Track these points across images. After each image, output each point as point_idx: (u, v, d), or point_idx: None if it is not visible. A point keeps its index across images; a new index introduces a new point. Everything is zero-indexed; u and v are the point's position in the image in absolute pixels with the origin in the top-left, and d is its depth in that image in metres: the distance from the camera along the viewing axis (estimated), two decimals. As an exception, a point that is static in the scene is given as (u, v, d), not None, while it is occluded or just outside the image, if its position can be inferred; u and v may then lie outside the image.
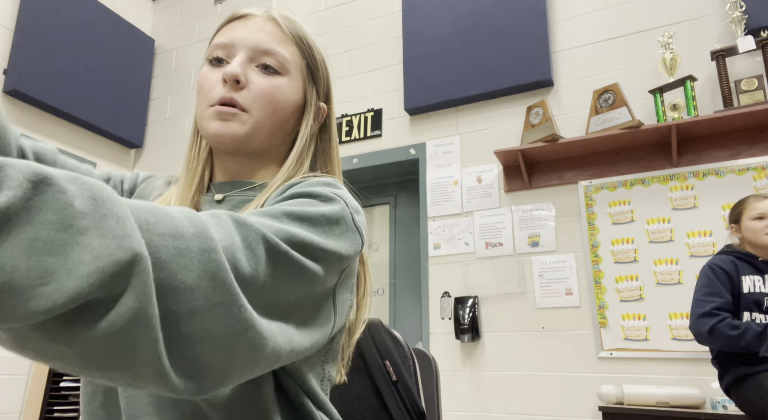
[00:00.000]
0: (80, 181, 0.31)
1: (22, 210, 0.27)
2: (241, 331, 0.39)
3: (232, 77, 0.62)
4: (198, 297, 0.36)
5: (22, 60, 2.89)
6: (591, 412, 2.28)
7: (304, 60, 0.69)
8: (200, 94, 0.65)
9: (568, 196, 2.58)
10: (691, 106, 2.32)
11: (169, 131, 3.54)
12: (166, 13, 3.85)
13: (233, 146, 0.64)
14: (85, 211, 0.30)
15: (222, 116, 0.63)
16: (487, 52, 2.82)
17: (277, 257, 0.45)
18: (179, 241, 0.36)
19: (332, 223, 0.53)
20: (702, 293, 1.89)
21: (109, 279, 0.30)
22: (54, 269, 0.27)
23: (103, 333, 0.30)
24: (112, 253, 0.30)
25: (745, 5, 2.36)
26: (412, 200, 3.11)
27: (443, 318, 2.65)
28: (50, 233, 0.28)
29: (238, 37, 0.65)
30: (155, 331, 0.33)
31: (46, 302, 0.27)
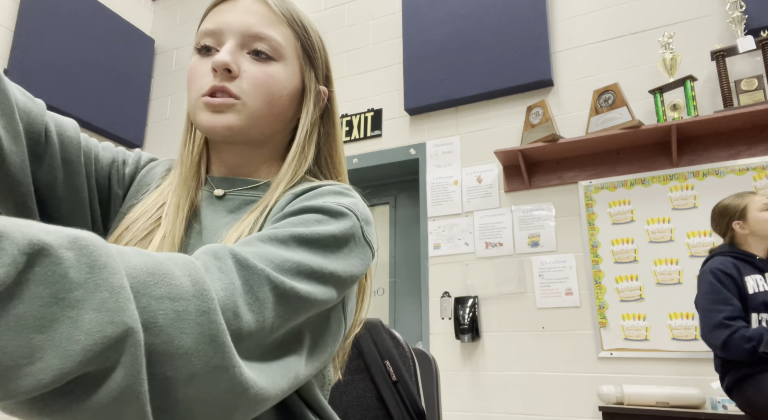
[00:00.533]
0: (80, 246, 0.30)
1: (14, 285, 0.26)
2: (242, 391, 0.38)
3: (222, 66, 0.58)
4: (196, 362, 0.35)
5: (22, 60, 2.89)
6: (591, 412, 2.28)
7: (298, 41, 0.64)
8: (190, 85, 0.61)
9: (568, 196, 2.58)
10: (691, 106, 2.32)
11: (169, 131, 3.54)
12: (166, 13, 3.85)
13: (228, 137, 0.61)
14: (80, 281, 0.29)
15: (214, 108, 0.59)
16: (487, 52, 2.82)
17: (284, 296, 0.44)
18: (177, 303, 0.35)
19: (341, 243, 0.52)
20: (709, 301, 1.83)
21: (98, 355, 0.29)
22: (41, 347, 0.27)
23: (89, 410, 0.29)
24: (103, 328, 0.29)
25: (745, 5, 2.36)
26: (412, 200, 3.11)
27: (443, 318, 2.65)
28: (41, 309, 0.27)
29: (226, 23, 0.61)
30: (144, 406, 0.32)
31: (30, 382, 0.26)
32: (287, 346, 0.46)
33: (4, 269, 0.26)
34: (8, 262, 0.26)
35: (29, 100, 0.55)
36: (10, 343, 0.26)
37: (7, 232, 0.26)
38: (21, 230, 0.27)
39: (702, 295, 1.87)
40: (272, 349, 0.44)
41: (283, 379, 0.44)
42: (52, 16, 3.05)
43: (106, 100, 3.32)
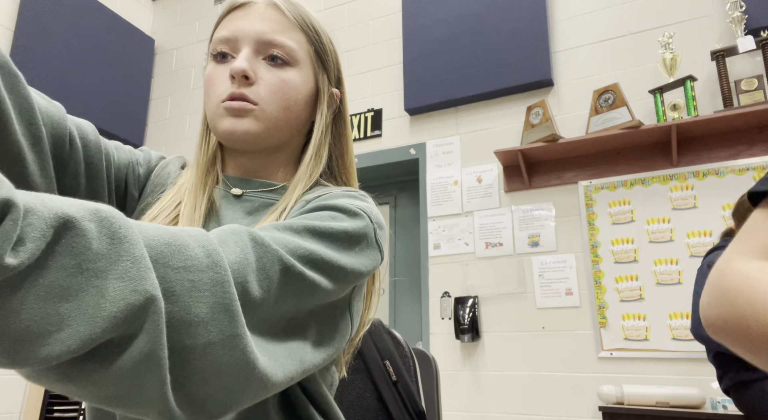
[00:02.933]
0: (100, 217, 0.31)
1: (42, 258, 0.27)
2: (253, 364, 0.39)
3: (240, 73, 0.59)
4: (212, 330, 0.36)
5: (22, 60, 2.89)
6: (591, 412, 2.28)
7: (311, 45, 0.66)
8: (208, 92, 0.63)
9: (568, 196, 2.58)
10: (691, 106, 2.32)
11: (169, 131, 3.54)
12: (166, 13, 3.85)
13: (247, 144, 0.62)
14: (102, 252, 0.30)
15: (234, 113, 0.60)
16: (487, 52, 2.82)
17: (292, 278, 0.45)
18: (193, 273, 0.36)
19: (353, 241, 0.53)
20: (698, 293, 1.87)
21: (122, 322, 0.30)
22: (68, 315, 0.28)
23: (113, 374, 0.31)
24: (126, 296, 0.30)
25: (745, 5, 2.36)
26: (412, 200, 3.11)
27: (443, 318, 2.65)
28: (67, 279, 0.28)
29: (241, 29, 0.62)
30: (164, 371, 0.33)
31: (59, 348, 0.28)
32: (292, 332, 0.46)
33: (35, 244, 0.27)
34: (38, 236, 0.27)
35: (49, 103, 0.55)
36: (40, 311, 0.27)
37: (33, 208, 0.27)
38: (45, 205, 0.28)
39: (697, 288, 1.89)
40: (277, 332, 0.44)
41: (288, 361, 0.44)
42: (52, 16, 3.05)
43: (106, 100, 3.32)
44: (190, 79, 3.57)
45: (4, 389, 2.72)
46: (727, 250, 0.48)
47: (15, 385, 2.76)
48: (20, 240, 0.26)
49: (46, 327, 0.27)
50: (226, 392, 0.38)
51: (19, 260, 0.26)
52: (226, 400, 0.39)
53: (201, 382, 0.37)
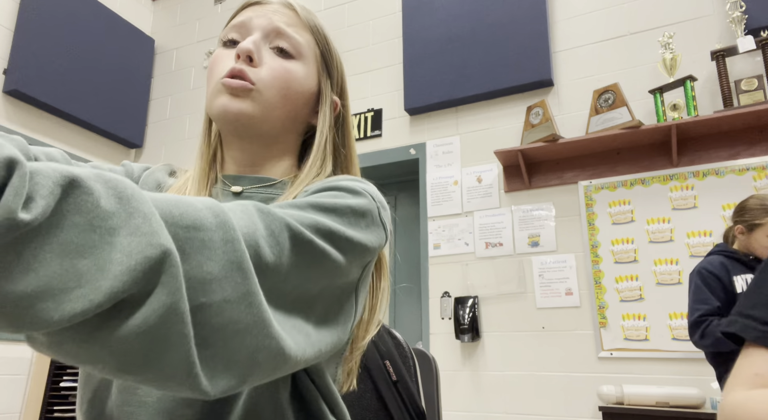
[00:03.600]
0: (104, 179, 0.31)
1: (53, 216, 0.27)
2: (268, 327, 0.39)
3: (246, 52, 0.60)
4: (227, 287, 0.36)
5: (22, 60, 2.89)
6: (591, 412, 2.28)
7: (318, 48, 0.67)
8: (211, 72, 0.63)
9: (568, 196, 2.58)
10: (691, 106, 2.32)
11: (169, 131, 3.54)
12: (166, 13, 3.85)
13: (240, 125, 0.61)
14: (112, 210, 0.30)
15: (232, 91, 0.60)
16: (487, 52, 2.82)
17: (302, 245, 0.44)
18: (203, 232, 0.36)
19: (358, 216, 0.53)
20: (691, 300, 1.89)
21: (142, 276, 0.30)
22: (87, 270, 0.28)
23: (137, 330, 0.30)
24: (143, 250, 0.30)
25: (745, 5, 2.36)
26: (412, 200, 3.11)
27: (443, 318, 2.65)
28: (80, 236, 0.28)
29: (253, 20, 0.64)
30: (187, 326, 0.33)
31: (82, 303, 0.28)
32: (299, 307, 0.46)
33: (45, 200, 0.27)
34: (47, 193, 0.27)
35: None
36: (58, 268, 0.27)
37: (39, 169, 0.27)
38: (49, 166, 0.28)
39: (690, 295, 1.92)
40: (284, 303, 0.44)
41: (297, 334, 0.44)
42: (52, 16, 3.05)
43: (106, 100, 3.32)
44: (190, 79, 3.57)
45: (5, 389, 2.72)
46: (726, 385, 0.58)
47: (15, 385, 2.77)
48: (30, 198, 0.26)
49: (66, 283, 0.27)
50: (248, 352, 0.38)
51: (33, 215, 0.26)
52: (249, 363, 0.38)
53: (221, 342, 0.36)
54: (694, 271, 1.93)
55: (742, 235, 1.91)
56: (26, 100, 2.95)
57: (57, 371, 2.76)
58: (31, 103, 2.99)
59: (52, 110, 3.07)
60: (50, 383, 2.73)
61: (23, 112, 2.98)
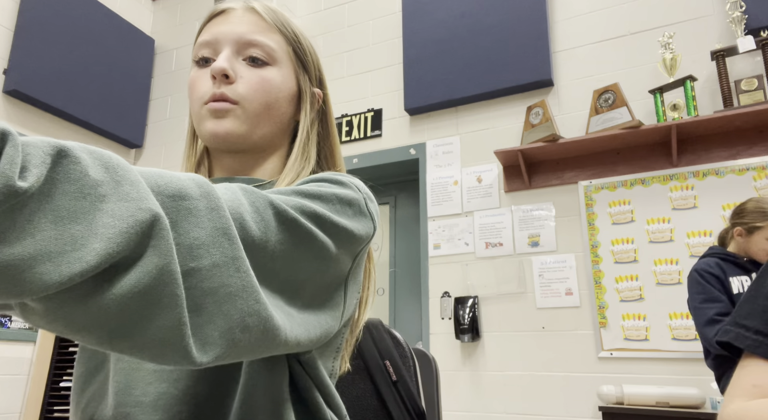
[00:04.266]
0: (90, 150, 0.32)
1: (45, 184, 0.29)
2: (257, 296, 0.39)
3: (220, 72, 0.61)
4: (214, 252, 0.37)
5: (22, 60, 2.89)
6: (591, 412, 2.28)
7: (290, 46, 0.67)
8: (191, 95, 0.64)
9: (568, 196, 2.58)
10: (691, 106, 2.32)
11: (169, 131, 3.54)
12: (166, 13, 3.85)
13: (231, 144, 0.63)
14: (100, 179, 0.31)
15: (216, 114, 0.61)
16: (487, 52, 2.82)
17: (287, 223, 0.45)
18: (188, 201, 0.37)
19: (344, 204, 0.53)
20: (699, 301, 1.85)
21: (134, 238, 0.31)
22: (81, 235, 0.29)
23: (131, 291, 0.31)
24: (134, 214, 0.31)
25: (745, 5, 2.36)
26: (412, 200, 3.11)
27: (443, 318, 2.65)
28: (72, 202, 0.29)
29: (221, 33, 0.64)
30: (179, 287, 0.34)
31: (79, 265, 0.29)
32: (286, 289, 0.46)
33: (38, 169, 0.28)
34: (38, 162, 0.28)
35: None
36: (53, 233, 0.28)
37: (29, 140, 0.29)
38: (39, 138, 0.30)
39: (692, 295, 1.89)
40: (271, 283, 0.44)
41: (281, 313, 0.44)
42: (52, 16, 3.05)
43: (106, 100, 3.32)
44: (190, 79, 3.58)
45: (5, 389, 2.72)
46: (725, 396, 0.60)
47: (15, 385, 2.77)
48: (24, 167, 0.28)
49: (63, 247, 0.28)
50: (238, 319, 0.38)
51: (29, 183, 0.27)
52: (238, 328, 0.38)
53: (212, 306, 0.37)
54: (693, 272, 1.92)
55: (740, 237, 1.90)
56: (26, 100, 2.95)
57: (57, 371, 2.76)
58: (31, 103, 2.99)
59: (52, 110, 3.07)
60: (50, 383, 2.73)
61: (23, 112, 2.98)
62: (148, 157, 3.57)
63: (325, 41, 3.39)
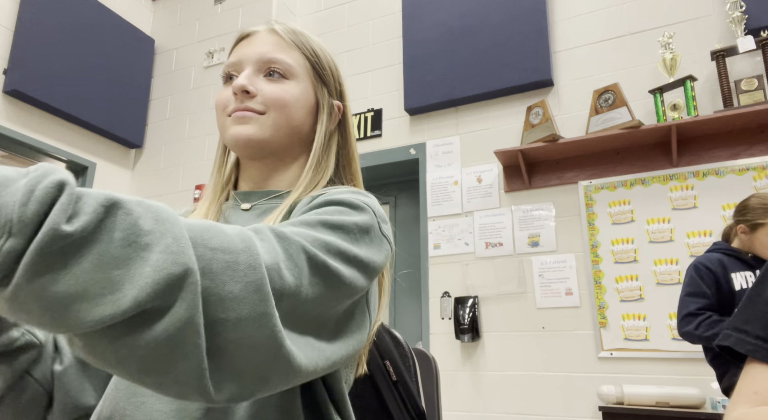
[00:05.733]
0: (146, 205, 0.36)
1: (95, 231, 0.32)
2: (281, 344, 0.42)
3: (240, 88, 0.66)
4: (244, 307, 0.39)
5: (22, 60, 2.89)
6: (591, 412, 2.28)
7: (308, 62, 0.72)
8: (218, 110, 0.70)
9: (568, 196, 2.58)
10: (691, 106, 2.32)
11: (169, 131, 3.54)
12: (166, 13, 3.85)
13: (251, 148, 0.67)
14: (148, 229, 0.35)
15: (239, 120, 0.67)
16: (487, 52, 2.82)
17: (318, 268, 0.48)
18: (229, 255, 0.39)
19: (363, 232, 0.56)
20: (685, 293, 1.88)
21: (164, 289, 0.34)
22: (120, 280, 0.33)
23: (158, 338, 0.34)
24: (169, 266, 0.34)
25: (745, 5, 2.36)
26: (412, 200, 3.11)
27: (443, 318, 2.65)
28: (117, 250, 0.33)
29: (244, 54, 0.70)
30: (201, 338, 0.37)
31: (111, 308, 0.32)
32: (314, 326, 0.49)
33: (88, 217, 0.32)
34: (90, 211, 0.32)
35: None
36: (96, 276, 0.32)
37: (87, 192, 0.33)
38: (98, 190, 0.34)
39: (683, 287, 1.91)
40: (301, 323, 0.47)
41: (310, 350, 0.47)
42: (52, 16, 3.05)
43: (106, 100, 3.32)
44: (190, 79, 3.57)
45: (4, 389, 2.72)
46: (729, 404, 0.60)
47: (15, 385, 2.76)
48: (75, 213, 0.32)
49: (101, 290, 0.32)
50: (257, 367, 0.41)
51: (74, 228, 0.31)
52: (257, 376, 0.41)
53: (233, 354, 0.39)
54: (691, 265, 1.93)
55: (744, 234, 1.90)
56: (26, 100, 2.95)
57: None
58: (31, 103, 2.99)
59: (52, 110, 3.07)
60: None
61: (23, 112, 2.98)
62: (148, 157, 3.57)
63: (325, 41, 3.38)
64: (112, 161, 3.47)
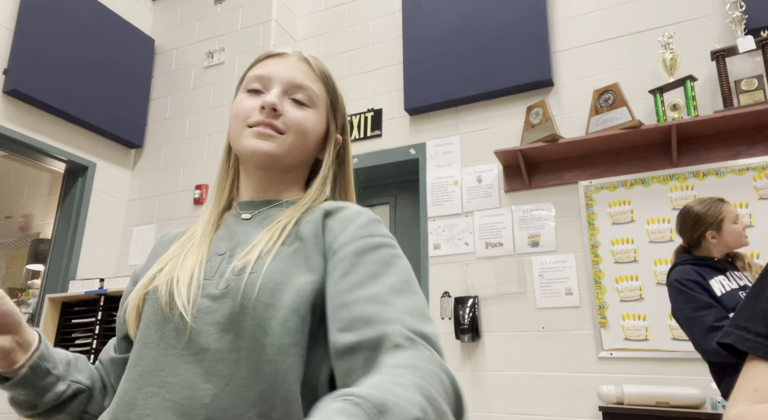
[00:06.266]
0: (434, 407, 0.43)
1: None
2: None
3: (271, 105, 0.71)
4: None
5: (22, 60, 2.89)
6: (591, 412, 2.28)
7: (328, 96, 0.79)
8: (236, 117, 0.73)
9: (568, 196, 2.58)
10: (691, 106, 2.32)
11: (169, 131, 3.54)
12: (166, 13, 3.85)
13: (265, 162, 0.72)
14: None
15: (261, 136, 0.71)
16: (487, 52, 2.82)
17: (443, 369, 0.55)
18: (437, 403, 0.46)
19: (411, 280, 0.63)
20: (690, 310, 1.78)
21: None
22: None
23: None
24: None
25: (745, 5, 2.36)
26: (412, 200, 3.11)
27: (443, 318, 2.65)
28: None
29: (275, 72, 0.74)
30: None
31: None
32: None
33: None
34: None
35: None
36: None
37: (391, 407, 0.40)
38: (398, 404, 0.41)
39: (680, 306, 1.82)
40: None
41: None
42: (52, 16, 3.05)
43: (106, 100, 3.32)
44: (190, 79, 3.57)
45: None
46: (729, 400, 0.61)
47: (15, 385, 2.76)
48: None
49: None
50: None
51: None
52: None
53: None
54: (674, 283, 1.85)
55: (714, 239, 1.88)
56: (26, 100, 2.95)
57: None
58: (31, 103, 2.99)
59: (52, 110, 3.07)
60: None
61: (23, 112, 2.98)
62: (148, 157, 3.57)
63: (325, 41, 3.39)
64: (112, 161, 3.47)
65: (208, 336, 0.59)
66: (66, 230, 3.23)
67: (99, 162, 3.38)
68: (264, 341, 0.58)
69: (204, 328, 0.60)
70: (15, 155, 3.09)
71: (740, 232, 1.87)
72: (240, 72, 3.34)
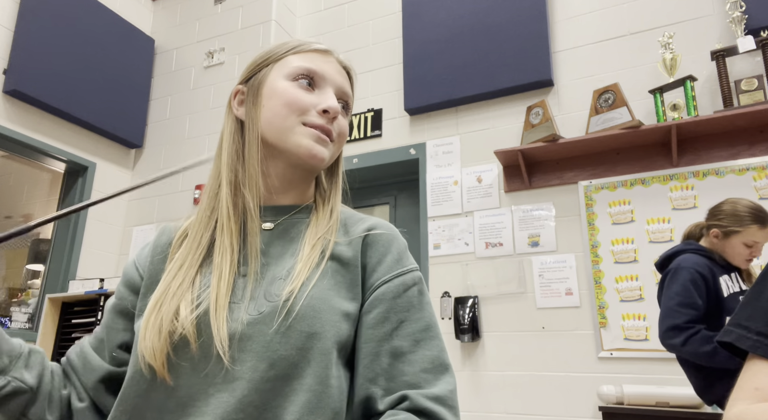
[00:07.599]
0: None
1: None
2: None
3: (335, 112, 0.70)
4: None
5: (22, 60, 2.89)
6: (591, 412, 2.28)
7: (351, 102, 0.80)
8: (290, 108, 0.69)
9: (568, 196, 2.58)
10: (691, 106, 2.32)
11: (169, 131, 3.54)
12: (166, 13, 3.85)
13: (317, 166, 0.71)
14: None
15: (319, 140, 0.69)
16: (487, 52, 2.82)
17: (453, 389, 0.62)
18: None
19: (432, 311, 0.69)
20: (676, 302, 1.75)
21: None
22: None
23: None
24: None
25: (745, 5, 2.36)
26: (412, 200, 3.11)
27: (443, 318, 2.65)
28: None
29: (328, 73, 0.72)
30: None
31: None
32: None
33: None
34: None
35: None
36: None
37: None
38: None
39: (671, 294, 1.78)
40: None
41: None
42: (52, 16, 3.05)
43: (106, 100, 3.32)
44: (190, 79, 3.57)
45: (4, 389, 2.72)
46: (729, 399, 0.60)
47: (15, 385, 2.76)
48: None
49: None
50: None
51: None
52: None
53: None
54: (683, 270, 1.79)
55: (716, 239, 1.85)
56: (26, 100, 2.95)
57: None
58: (31, 103, 2.99)
59: (52, 110, 3.07)
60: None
61: (23, 112, 2.98)
62: (148, 157, 3.57)
63: (325, 41, 3.38)
64: (112, 161, 3.47)
65: (242, 364, 0.57)
66: (66, 230, 3.23)
67: (99, 162, 3.38)
68: (304, 372, 0.57)
69: (237, 355, 0.57)
70: (15, 155, 3.09)
71: (743, 256, 1.81)
72: (240, 72, 3.34)
